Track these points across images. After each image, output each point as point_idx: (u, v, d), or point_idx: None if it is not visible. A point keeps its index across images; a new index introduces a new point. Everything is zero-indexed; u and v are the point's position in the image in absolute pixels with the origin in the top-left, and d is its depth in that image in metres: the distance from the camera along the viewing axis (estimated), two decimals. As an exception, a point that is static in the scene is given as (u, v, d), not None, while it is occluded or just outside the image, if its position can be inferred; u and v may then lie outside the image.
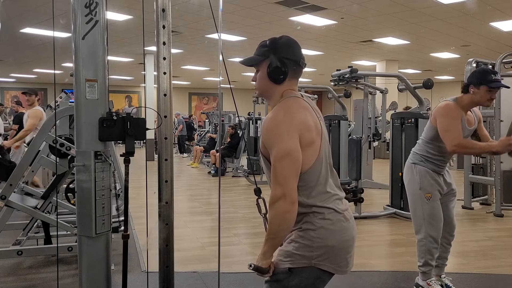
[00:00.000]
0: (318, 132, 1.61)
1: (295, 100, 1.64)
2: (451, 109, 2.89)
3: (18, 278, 3.46)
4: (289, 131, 1.51)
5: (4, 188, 3.32)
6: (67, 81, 3.63)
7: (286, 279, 1.57)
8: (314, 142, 1.57)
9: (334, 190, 1.63)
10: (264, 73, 1.66)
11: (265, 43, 1.69)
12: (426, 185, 3.00)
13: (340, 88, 7.36)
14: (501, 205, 5.92)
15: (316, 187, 1.58)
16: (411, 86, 5.75)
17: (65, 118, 4.56)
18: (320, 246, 1.56)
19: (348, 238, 1.61)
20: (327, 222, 1.57)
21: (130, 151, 1.92)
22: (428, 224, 3.01)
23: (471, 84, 2.89)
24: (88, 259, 1.88)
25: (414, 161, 3.08)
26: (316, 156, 1.57)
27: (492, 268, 3.83)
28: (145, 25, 2.24)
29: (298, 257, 1.56)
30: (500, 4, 7.89)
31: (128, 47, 12.13)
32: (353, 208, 5.80)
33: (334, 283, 1.70)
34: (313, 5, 8.05)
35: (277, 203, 1.48)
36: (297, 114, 1.57)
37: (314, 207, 1.57)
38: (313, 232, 1.56)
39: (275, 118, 1.56)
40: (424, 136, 3.09)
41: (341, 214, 1.60)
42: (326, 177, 1.61)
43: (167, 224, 2.02)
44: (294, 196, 1.49)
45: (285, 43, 1.69)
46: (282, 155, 1.49)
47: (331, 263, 1.57)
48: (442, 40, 11.08)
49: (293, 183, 1.50)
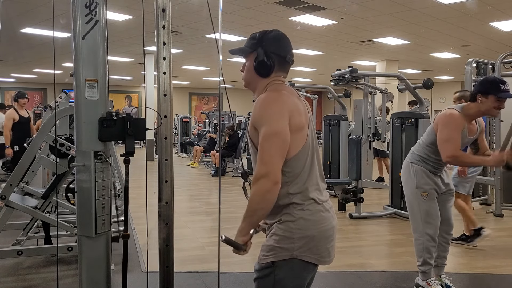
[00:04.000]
0: (307, 119, 1.63)
1: (284, 86, 1.67)
2: (454, 119, 2.87)
3: (18, 278, 3.46)
4: (280, 111, 1.53)
5: (4, 188, 3.32)
6: (67, 81, 3.62)
7: (272, 274, 1.58)
8: (303, 128, 1.59)
9: (316, 180, 1.64)
10: (251, 65, 1.68)
11: (255, 36, 1.70)
12: (422, 184, 3.02)
13: (340, 88, 7.35)
14: (501, 205, 5.92)
15: (301, 174, 1.59)
16: (411, 86, 5.75)
17: (65, 118, 4.56)
18: (300, 237, 1.56)
19: (328, 228, 1.62)
20: (306, 213, 1.58)
21: (130, 151, 1.92)
22: (425, 223, 3.02)
23: (479, 93, 2.84)
24: (88, 259, 1.88)
25: (412, 160, 3.11)
26: (303, 142, 1.59)
27: (492, 268, 3.83)
28: (145, 25, 2.24)
29: (279, 249, 1.57)
30: (500, 4, 7.89)
31: (128, 47, 12.12)
32: (353, 208, 5.80)
33: (334, 283, 1.70)
34: (313, 5, 8.04)
35: (259, 181, 1.49)
36: (288, 98, 1.60)
37: (294, 198, 1.58)
38: (293, 223, 1.57)
39: (267, 98, 1.58)
40: (424, 139, 3.10)
41: (320, 204, 1.61)
42: (311, 166, 1.62)
43: (167, 224, 2.02)
44: (277, 176, 1.50)
45: (274, 37, 1.69)
46: (270, 134, 1.50)
47: (312, 253, 1.58)
48: (442, 40, 11.08)
49: (278, 163, 1.50)
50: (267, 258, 1.59)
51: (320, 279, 3.55)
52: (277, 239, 1.58)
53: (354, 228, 5.26)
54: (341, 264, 3.89)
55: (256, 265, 1.64)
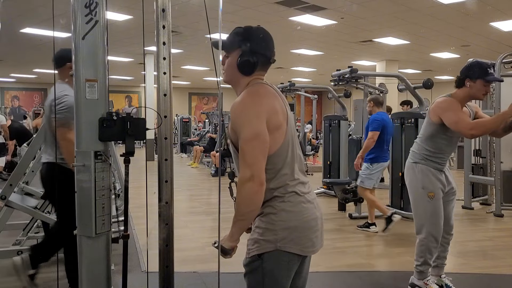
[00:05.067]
0: (285, 116, 1.64)
1: (262, 86, 1.67)
2: (452, 102, 2.91)
3: (18, 278, 3.46)
4: (257, 114, 1.55)
5: (4, 188, 3.32)
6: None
7: (259, 267, 1.60)
8: (281, 126, 1.60)
9: (297, 175, 1.66)
10: (234, 62, 1.67)
11: (240, 31, 1.69)
12: (428, 184, 3.00)
13: (340, 88, 7.36)
14: (501, 205, 5.92)
15: (282, 170, 1.61)
16: (411, 86, 5.75)
17: (65, 118, 4.56)
18: (282, 228, 1.59)
19: (311, 218, 1.64)
20: (288, 205, 1.60)
21: (130, 151, 1.92)
22: (430, 223, 3.01)
23: (467, 77, 2.90)
24: (88, 259, 1.88)
25: (415, 160, 3.08)
26: (282, 139, 1.61)
27: (492, 268, 3.83)
28: (145, 25, 2.23)
29: (263, 242, 1.60)
30: (500, 4, 7.89)
31: (128, 47, 12.12)
32: (353, 208, 5.80)
33: (334, 283, 1.70)
34: (313, 5, 8.04)
35: (246, 185, 1.51)
36: (265, 99, 1.61)
37: (276, 191, 1.60)
38: (274, 215, 1.60)
39: (243, 102, 1.58)
40: (422, 134, 3.09)
41: (301, 196, 1.64)
42: (292, 161, 1.64)
43: (167, 224, 2.02)
44: (262, 177, 1.52)
45: (260, 36, 1.69)
46: (250, 137, 1.52)
47: (295, 244, 1.60)
48: (442, 40, 11.08)
49: (261, 165, 1.53)
50: (252, 252, 1.62)
51: (320, 279, 3.55)
52: (260, 231, 1.61)
53: (354, 228, 5.26)
54: (341, 264, 3.89)
55: (244, 260, 1.67)
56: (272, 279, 1.60)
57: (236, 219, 1.58)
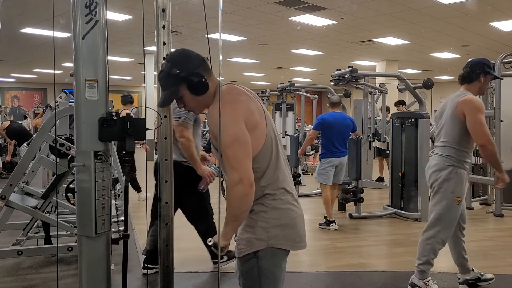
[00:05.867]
0: (261, 113, 1.65)
1: (230, 87, 1.67)
2: (481, 103, 2.93)
3: (18, 278, 3.46)
4: (233, 118, 1.55)
5: (4, 188, 3.32)
6: (67, 81, 3.62)
7: (255, 266, 1.62)
8: (258, 124, 1.61)
9: (284, 170, 1.68)
10: (189, 96, 1.66)
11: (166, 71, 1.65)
12: (459, 189, 2.97)
13: (340, 88, 7.36)
14: (501, 205, 5.92)
15: (269, 167, 1.62)
16: (411, 86, 5.75)
17: (65, 118, 4.56)
18: (274, 225, 1.61)
19: (297, 215, 1.68)
20: (278, 202, 1.63)
21: (130, 151, 1.92)
22: (446, 227, 3.00)
23: (482, 73, 2.98)
24: (88, 259, 1.88)
25: (454, 164, 2.98)
26: (264, 136, 1.62)
27: (492, 268, 3.83)
28: (145, 25, 2.23)
29: (255, 240, 1.61)
30: (500, 4, 7.89)
31: (128, 47, 12.12)
32: (353, 208, 5.80)
33: (334, 283, 1.71)
34: (313, 5, 8.04)
35: (236, 188, 1.52)
36: (237, 101, 1.61)
37: (266, 189, 1.62)
38: (265, 213, 1.61)
39: (217, 109, 1.57)
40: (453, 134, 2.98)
41: (290, 193, 1.67)
42: (277, 157, 1.66)
43: (167, 224, 2.02)
44: (251, 178, 1.53)
45: (182, 58, 1.67)
46: (230, 140, 1.53)
47: (287, 241, 1.63)
48: (442, 40, 11.08)
49: (248, 166, 1.54)
50: (243, 251, 1.63)
51: (320, 279, 3.55)
52: (252, 230, 1.62)
53: (354, 228, 5.27)
54: (341, 264, 3.89)
55: (237, 261, 1.68)
56: (268, 276, 1.62)
57: (228, 220, 1.58)
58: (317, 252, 4.36)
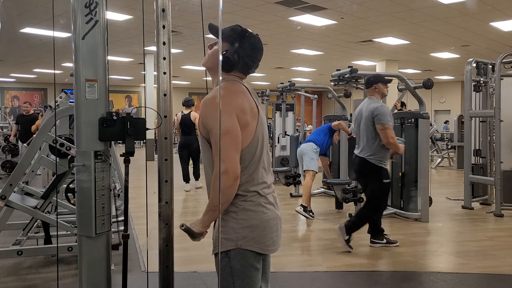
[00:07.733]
0: (254, 115, 1.67)
1: (234, 83, 1.70)
2: None
3: (18, 278, 3.46)
4: (227, 111, 1.57)
5: (4, 188, 3.32)
6: (67, 81, 3.62)
7: (227, 266, 1.63)
8: (249, 125, 1.63)
9: (262, 174, 1.69)
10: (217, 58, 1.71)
11: (238, 30, 1.73)
12: None
13: (340, 88, 7.35)
14: (501, 205, 5.91)
15: (248, 167, 1.64)
16: (411, 86, 5.74)
17: (65, 118, 4.56)
18: (243, 227, 1.62)
19: (271, 218, 1.67)
20: (249, 204, 1.63)
21: (130, 151, 1.92)
22: None
23: None
24: (88, 259, 1.88)
25: None
26: (251, 137, 1.64)
27: (492, 268, 3.83)
28: (145, 25, 2.24)
29: (224, 240, 1.63)
30: (500, 4, 7.89)
31: (128, 47, 12.12)
32: (353, 208, 5.80)
33: (334, 283, 1.70)
34: (313, 5, 8.05)
35: (220, 178, 1.53)
36: (234, 97, 1.63)
37: (239, 190, 1.62)
38: (235, 214, 1.63)
39: (214, 99, 1.61)
40: None
41: (263, 196, 1.67)
42: (259, 160, 1.67)
43: (167, 224, 2.02)
44: (237, 171, 1.56)
45: (252, 44, 1.74)
46: (222, 133, 1.55)
47: (256, 243, 1.63)
48: (442, 40, 11.08)
49: (235, 159, 1.56)
50: (215, 250, 1.67)
51: (320, 279, 3.55)
52: (223, 230, 1.64)
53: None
54: (341, 264, 3.89)
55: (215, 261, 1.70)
56: (241, 276, 1.63)
57: (208, 209, 1.61)
58: (317, 252, 4.35)
